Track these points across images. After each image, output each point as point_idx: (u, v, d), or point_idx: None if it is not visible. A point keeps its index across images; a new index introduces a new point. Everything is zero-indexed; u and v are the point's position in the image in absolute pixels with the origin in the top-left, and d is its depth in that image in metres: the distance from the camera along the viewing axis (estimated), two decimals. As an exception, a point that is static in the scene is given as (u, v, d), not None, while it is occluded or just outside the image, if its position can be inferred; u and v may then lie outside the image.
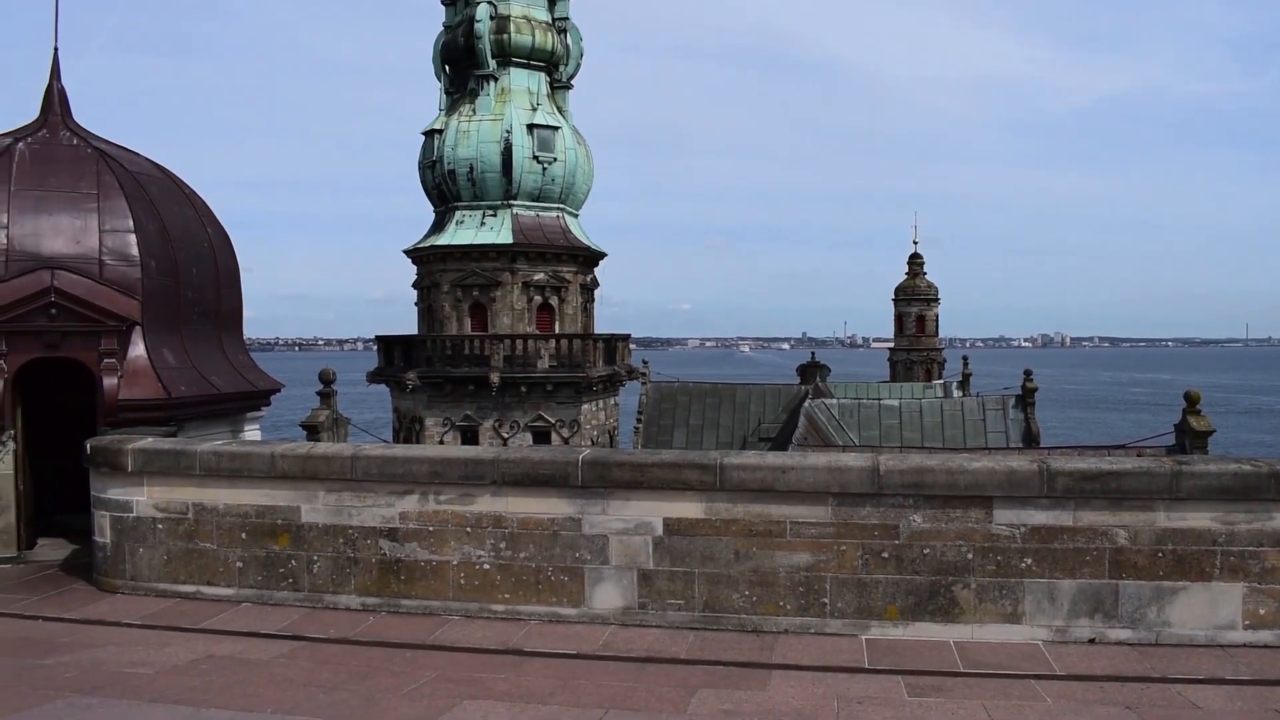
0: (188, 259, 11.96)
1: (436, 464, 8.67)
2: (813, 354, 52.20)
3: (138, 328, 11.04)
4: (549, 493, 8.50)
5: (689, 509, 8.28)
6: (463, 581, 8.69)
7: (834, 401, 38.17)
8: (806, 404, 36.19)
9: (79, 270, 10.91)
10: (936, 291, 72.09)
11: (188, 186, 13.01)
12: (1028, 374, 39.14)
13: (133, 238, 11.25)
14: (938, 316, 71.89)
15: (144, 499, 9.41)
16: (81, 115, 12.70)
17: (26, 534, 11.09)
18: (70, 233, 11.06)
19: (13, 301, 10.53)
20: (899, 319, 71.50)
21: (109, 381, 10.72)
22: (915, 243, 73.08)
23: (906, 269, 72.16)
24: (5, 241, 10.81)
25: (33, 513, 11.29)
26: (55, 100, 12.49)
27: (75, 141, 12.08)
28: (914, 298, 71.08)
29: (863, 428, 36.72)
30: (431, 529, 8.70)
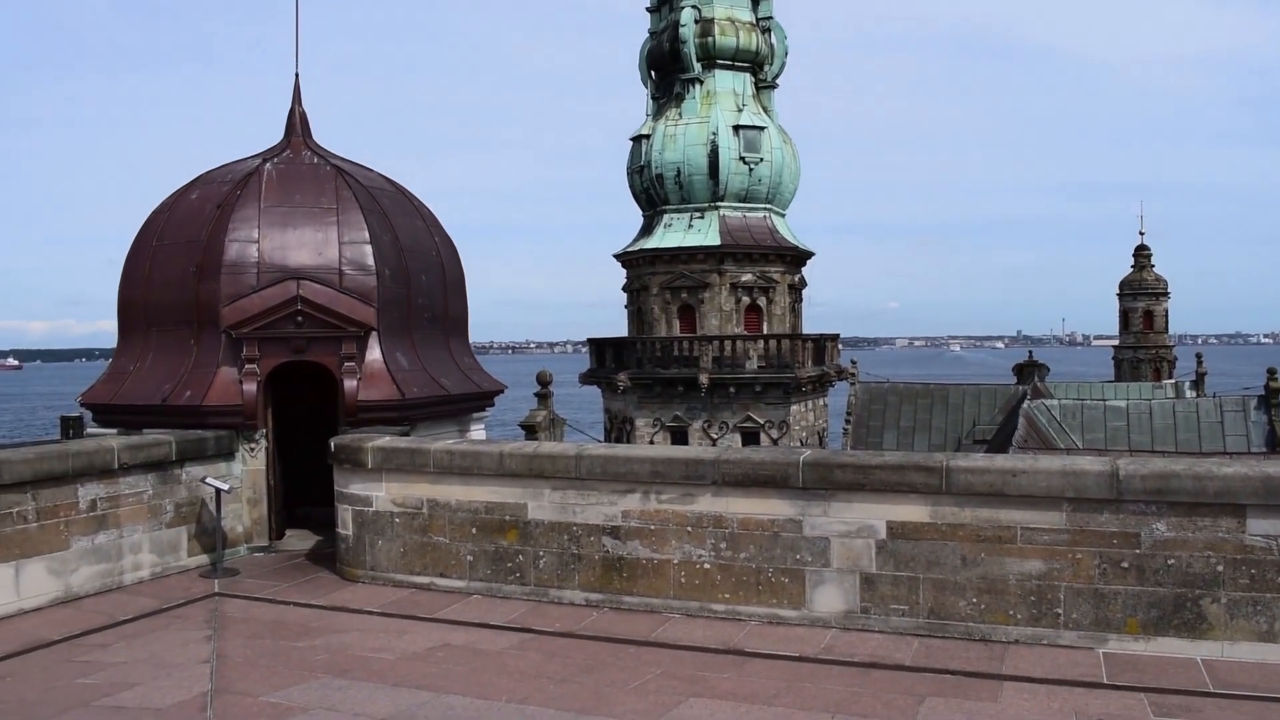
0: (418, 267, 12.58)
1: (658, 464, 8.80)
2: (1029, 352, 50.11)
3: (374, 333, 11.70)
4: (769, 493, 8.47)
5: (913, 512, 8.09)
6: (683, 580, 8.78)
7: (1054, 402, 36.42)
8: (1025, 405, 34.70)
9: (321, 280, 11.64)
10: (1166, 285, 67.93)
11: (416, 198, 13.70)
12: (1271, 373, 36.24)
13: (369, 249, 11.92)
14: (1167, 311, 67.71)
15: (382, 494, 9.97)
16: (319, 134, 13.59)
17: (276, 525, 11.91)
18: (313, 245, 11.82)
19: (264, 310, 11.35)
20: (1124, 315, 67.71)
21: (349, 384, 11.40)
22: (1141, 233, 69.23)
23: (1132, 261, 68.32)
24: (256, 255, 11.66)
25: (281, 505, 12.12)
26: (297, 123, 13.41)
27: (315, 160, 12.92)
28: (1141, 292, 67.17)
29: (1087, 430, 34.88)
30: (653, 527, 8.83)
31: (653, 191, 36.34)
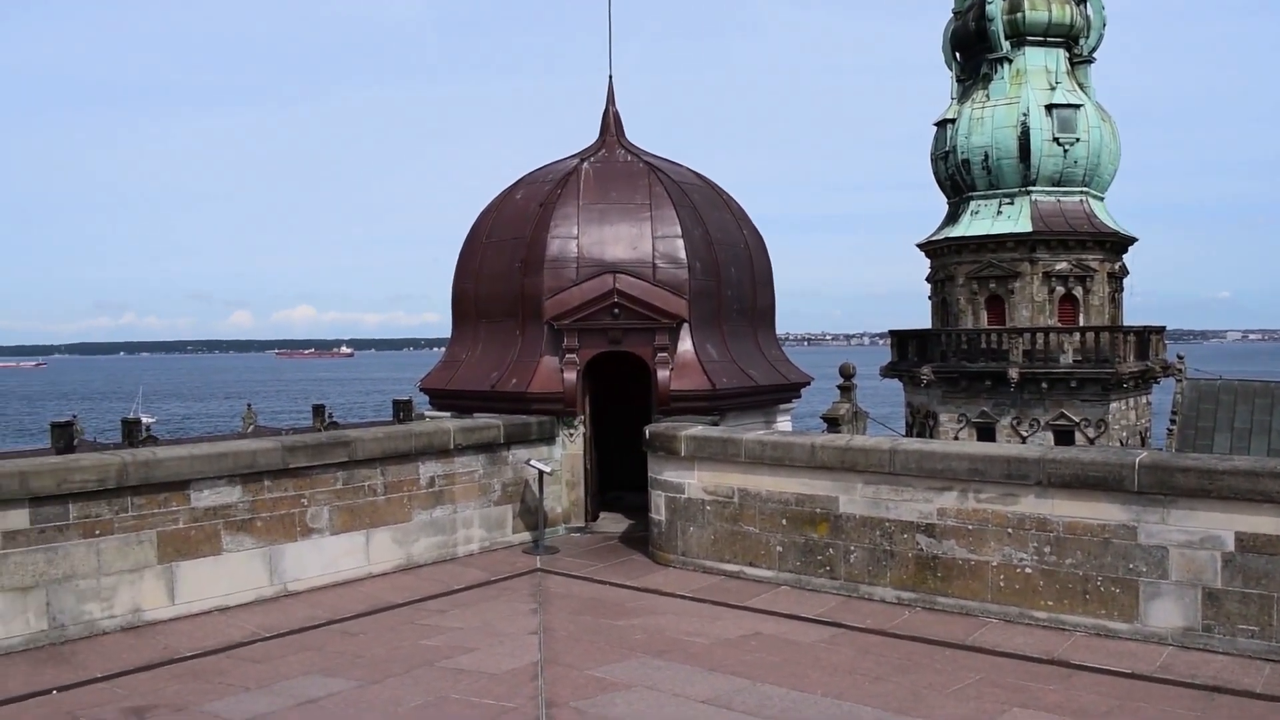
0: (727, 260, 12.78)
1: (977, 461, 8.49)
2: (1397, 348, 44.36)
3: (686, 324, 12.00)
4: (1099, 496, 7.98)
5: (1268, 524, 7.37)
6: (1002, 584, 8.44)
7: None
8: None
9: (636, 273, 12.07)
10: None
11: (725, 191, 13.91)
12: None
13: (680, 242, 12.23)
14: None
15: (694, 482, 10.21)
16: (631, 132, 14.07)
17: (591, 507, 12.47)
18: (628, 240, 12.27)
19: (583, 303, 11.90)
20: None
21: (662, 374, 11.76)
22: None
23: None
24: (576, 250, 12.24)
25: (596, 489, 12.67)
26: (611, 122, 13.96)
27: (629, 158, 13.40)
28: None
29: None
30: (970, 527, 8.54)
31: (959, 178, 35.08)
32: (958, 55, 36.23)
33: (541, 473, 11.30)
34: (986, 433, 32.72)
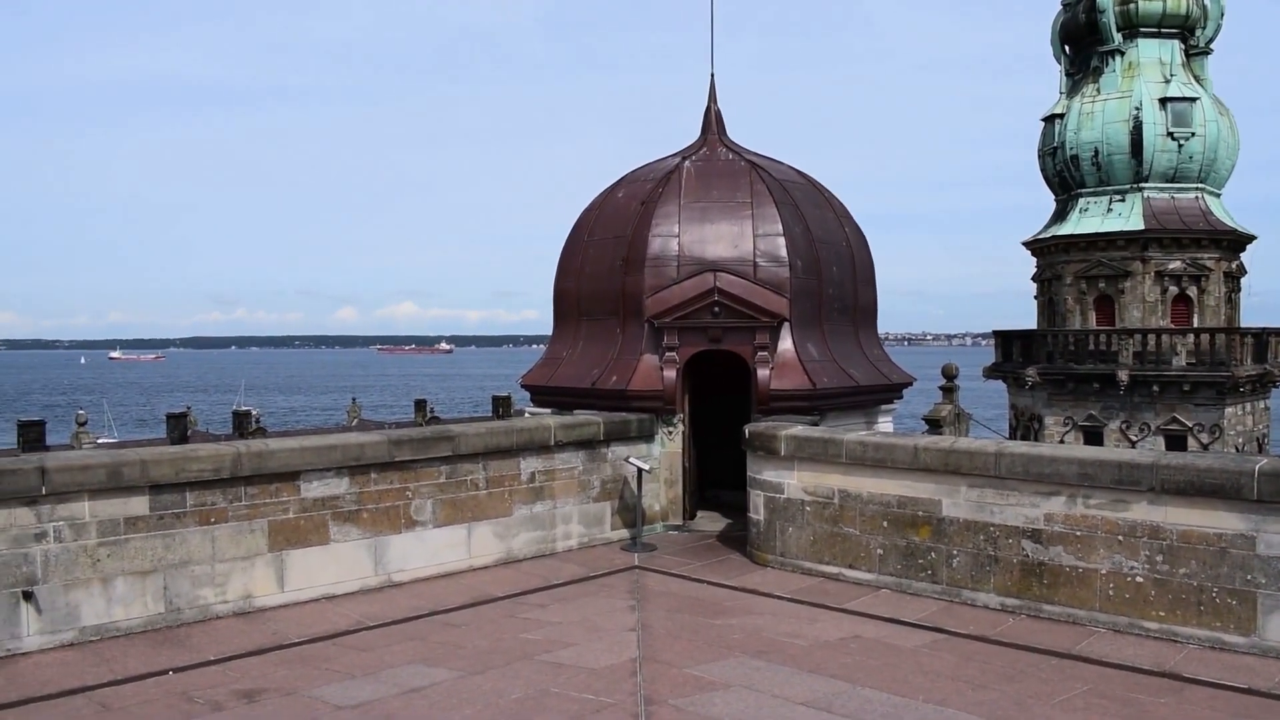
0: (828, 258, 12.66)
1: (1086, 465, 8.27)
2: None
3: (786, 323, 11.93)
4: (1216, 504, 7.71)
5: (1399, 537, 7.05)
6: (1111, 593, 8.21)
7: None
8: None
9: (736, 272, 12.04)
10: None
11: (827, 190, 13.79)
12: None
13: (782, 241, 12.17)
14: None
15: (794, 482, 10.15)
16: (732, 130, 14.04)
17: (689, 505, 12.48)
18: (729, 238, 12.24)
19: (683, 301, 11.92)
20: None
21: (762, 373, 11.71)
22: None
23: None
24: (677, 249, 12.26)
25: (694, 487, 12.68)
26: (713, 121, 13.96)
27: (730, 156, 13.37)
28: None
29: None
30: (1079, 534, 8.33)
31: (1067, 174, 34.18)
32: (1067, 48, 35.29)
33: (640, 470, 11.35)
34: (1094, 437, 31.81)
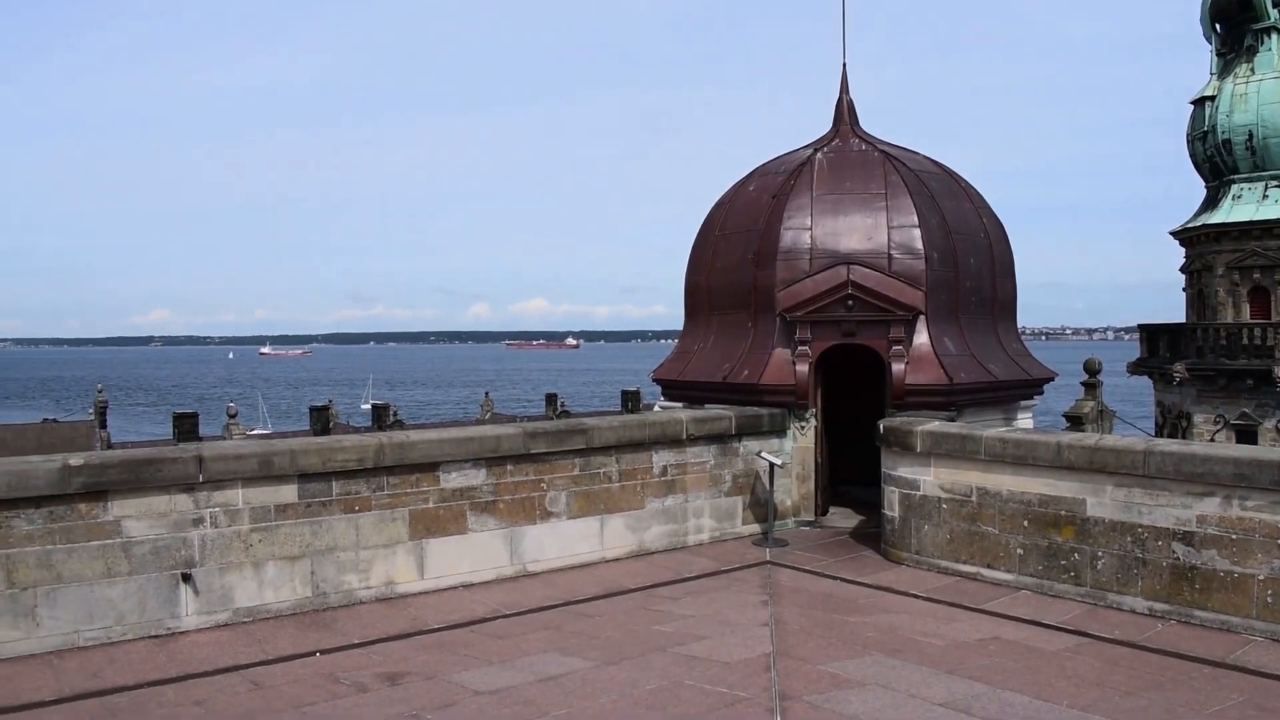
0: (965, 250, 12.36)
1: (1243, 465, 7.88)
2: None
3: (921, 317, 11.70)
4: (1388, 509, 7.28)
5: None
6: (1270, 600, 7.81)
7: None
8: None
9: (870, 264, 11.86)
10: None
11: (964, 180, 13.46)
12: None
13: (917, 232, 11.93)
14: None
15: (930, 479, 9.95)
16: (865, 121, 13.83)
17: (821, 501, 12.36)
18: (862, 230, 12.06)
19: (816, 294, 11.80)
20: None
21: (897, 367, 11.51)
22: None
23: None
24: (809, 241, 12.14)
25: (826, 482, 12.55)
26: (845, 112, 13.77)
27: (863, 147, 13.17)
28: None
29: None
30: (1234, 537, 7.95)
31: (1219, 159, 32.63)
32: (1218, 27, 33.67)
33: (772, 465, 11.29)
34: (1247, 436, 30.30)
